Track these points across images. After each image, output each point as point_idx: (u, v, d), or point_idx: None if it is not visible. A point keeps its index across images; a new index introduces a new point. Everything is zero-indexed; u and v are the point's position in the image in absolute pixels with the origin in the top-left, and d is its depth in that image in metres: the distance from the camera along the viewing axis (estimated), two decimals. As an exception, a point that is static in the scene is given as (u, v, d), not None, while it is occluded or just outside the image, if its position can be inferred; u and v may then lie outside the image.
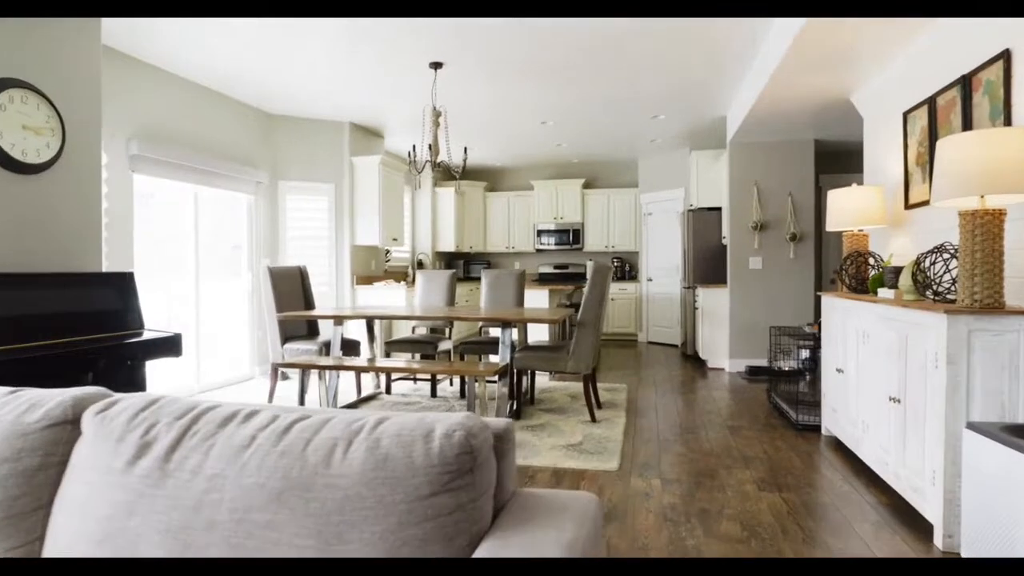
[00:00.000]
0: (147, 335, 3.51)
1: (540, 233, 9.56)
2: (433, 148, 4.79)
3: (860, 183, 5.22)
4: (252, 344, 6.10)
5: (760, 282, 6.37)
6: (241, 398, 5.20)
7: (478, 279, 9.76)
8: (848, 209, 3.71)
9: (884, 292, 3.09)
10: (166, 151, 4.92)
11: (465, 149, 4.86)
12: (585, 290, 4.27)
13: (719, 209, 7.17)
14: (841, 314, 3.53)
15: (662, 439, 3.90)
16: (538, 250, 9.66)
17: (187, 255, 5.37)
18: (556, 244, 9.51)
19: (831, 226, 3.84)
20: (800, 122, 5.62)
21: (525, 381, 5.08)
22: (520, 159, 9.13)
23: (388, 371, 4.09)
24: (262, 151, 6.25)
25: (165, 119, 5.00)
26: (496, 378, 4.29)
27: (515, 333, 5.44)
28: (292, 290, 5.21)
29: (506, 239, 9.84)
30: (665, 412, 4.64)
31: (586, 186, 9.65)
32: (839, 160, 7.18)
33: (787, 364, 5.14)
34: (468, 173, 10.10)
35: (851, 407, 3.37)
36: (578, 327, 4.26)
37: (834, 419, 3.70)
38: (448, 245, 9.25)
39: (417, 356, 6.40)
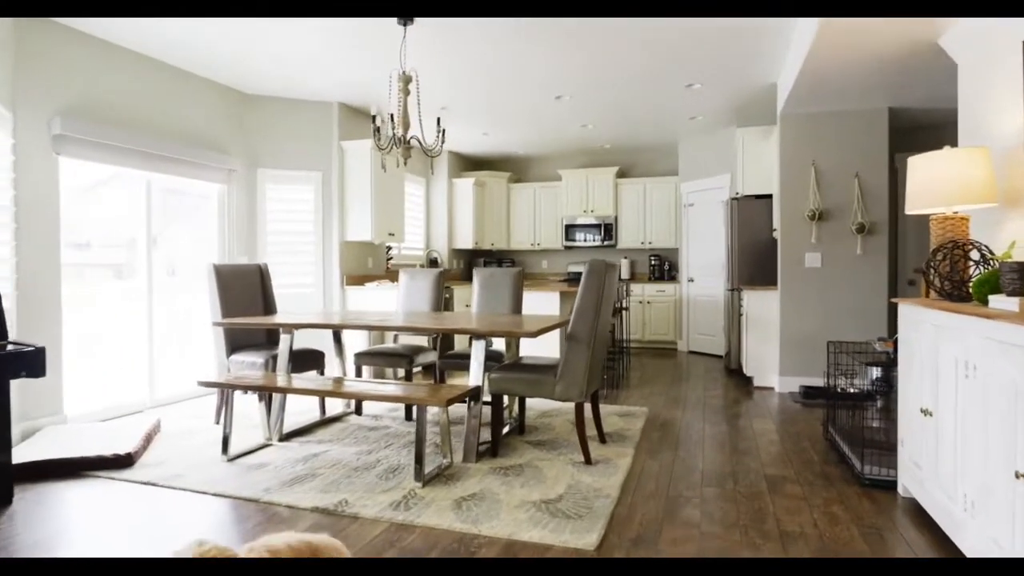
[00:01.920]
0: (10, 348, 2.80)
1: (569, 228, 8.60)
2: (401, 120, 3.93)
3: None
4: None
5: (818, 284, 5.22)
6: (194, 415, 4.50)
7: (499, 279, 8.88)
8: (938, 182, 2.63)
9: (1000, 301, 2.02)
10: (105, 132, 4.26)
11: (438, 120, 3.98)
12: (577, 295, 3.31)
13: (769, 197, 6.03)
14: (930, 332, 2.46)
15: (672, 496, 2.91)
16: (566, 247, 8.69)
17: (139, 251, 4.72)
18: (587, 240, 8.52)
19: (913, 207, 2.75)
20: (869, 82, 4.46)
21: (516, 406, 4.17)
22: (546, 146, 8.19)
23: (307, 393, 3.28)
24: (236, 135, 5.56)
25: (104, 96, 4.35)
26: (466, 403, 3.40)
27: (499, 346, 4.53)
28: (247, 291, 4.46)
29: (531, 235, 8.92)
30: (688, 450, 3.62)
31: (620, 175, 8.62)
32: (920, 135, 5.91)
33: (852, 385, 4.03)
34: (489, 163, 9.23)
35: (945, 469, 2.30)
36: (567, 342, 3.31)
37: (916, 478, 2.62)
38: (466, 242, 8.41)
39: (399, 372, 5.61)
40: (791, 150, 5.27)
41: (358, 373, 4.49)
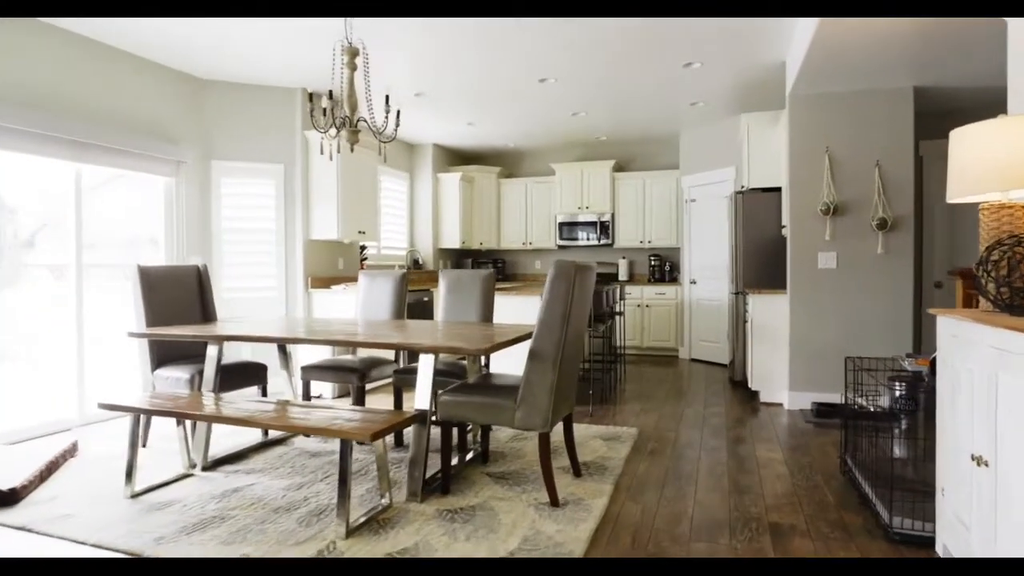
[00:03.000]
0: None
1: (563, 226, 8.03)
2: (347, 100, 3.39)
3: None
4: (169, 362, 4.89)
5: (833, 287, 4.62)
6: (123, 435, 3.98)
7: (488, 281, 8.33)
8: (990, 160, 2.04)
9: (1094, 318, 1.44)
10: (22, 116, 3.76)
11: (387, 98, 3.43)
12: (541, 304, 2.75)
13: (778, 190, 5.44)
14: (988, 356, 1.87)
15: (651, 555, 2.34)
16: (561, 246, 8.13)
17: (69, 251, 4.22)
18: (581, 239, 7.95)
19: (956, 193, 2.17)
20: (891, 56, 3.87)
21: (479, 429, 3.62)
22: (537, 138, 7.62)
23: (208, 420, 2.77)
24: (188, 124, 5.05)
25: (21, 77, 3.84)
26: (399, 438, 2.87)
27: (467, 362, 3.98)
28: (181, 296, 3.94)
29: (523, 233, 8.36)
30: (678, 488, 3.05)
31: (617, 169, 8.04)
32: (950, 118, 5.29)
33: (872, 403, 3.45)
34: (478, 157, 8.68)
35: (1009, 538, 1.72)
36: (529, 360, 2.75)
37: (962, 540, 2.03)
38: (453, 241, 7.87)
39: (350, 386, 5.05)
40: (802, 136, 4.68)
41: (306, 390, 3.95)
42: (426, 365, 2.89)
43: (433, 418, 3.51)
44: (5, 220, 3.87)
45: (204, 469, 3.31)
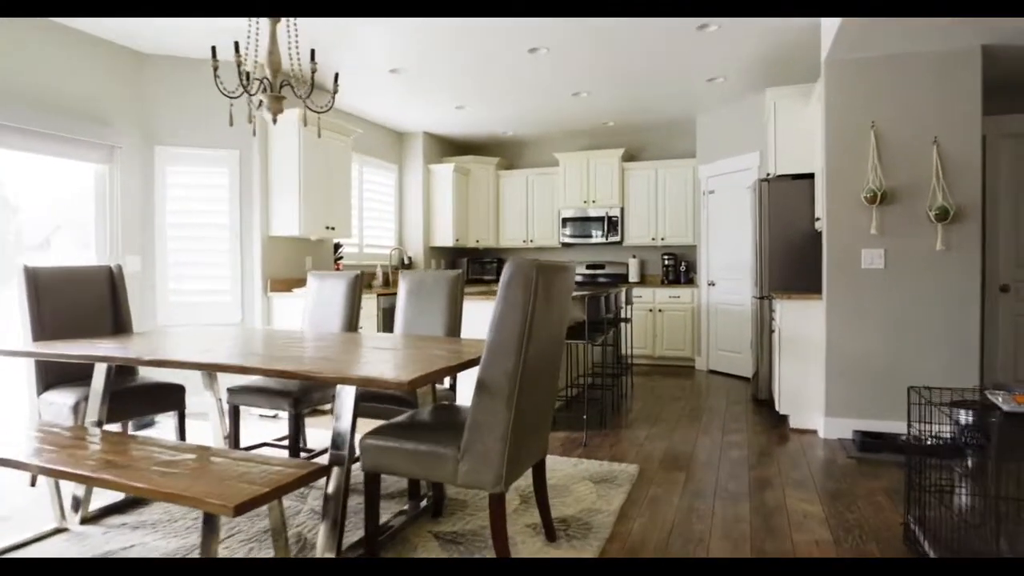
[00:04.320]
0: None
1: (567, 222, 7.28)
2: (268, 59, 2.69)
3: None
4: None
5: (880, 292, 3.81)
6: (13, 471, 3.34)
7: (483, 281, 7.65)
8: None
9: None
10: None
11: (313, 55, 2.73)
12: (492, 318, 2.02)
13: (810, 176, 4.64)
14: None
15: None
16: (564, 244, 7.38)
17: (-33, 249, 3.59)
18: (588, 236, 7.19)
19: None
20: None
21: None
22: (538, 125, 6.89)
23: (40, 472, 2.09)
24: (126, 103, 4.40)
25: None
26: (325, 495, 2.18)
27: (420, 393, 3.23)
28: (84, 304, 3.27)
29: (524, 230, 7.62)
30: (679, 556, 2.30)
31: (627, 158, 7.27)
32: (1016, 90, 4.43)
33: (929, 434, 2.66)
34: (474, 146, 7.96)
35: None
36: (476, 394, 2.02)
37: None
38: (446, 239, 7.17)
39: (280, 413, 4.36)
40: (842, 110, 3.87)
41: (235, 415, 3.27)
42: (346, 399, 2.18)
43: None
44: None
45: (84, 521, 2.64)
